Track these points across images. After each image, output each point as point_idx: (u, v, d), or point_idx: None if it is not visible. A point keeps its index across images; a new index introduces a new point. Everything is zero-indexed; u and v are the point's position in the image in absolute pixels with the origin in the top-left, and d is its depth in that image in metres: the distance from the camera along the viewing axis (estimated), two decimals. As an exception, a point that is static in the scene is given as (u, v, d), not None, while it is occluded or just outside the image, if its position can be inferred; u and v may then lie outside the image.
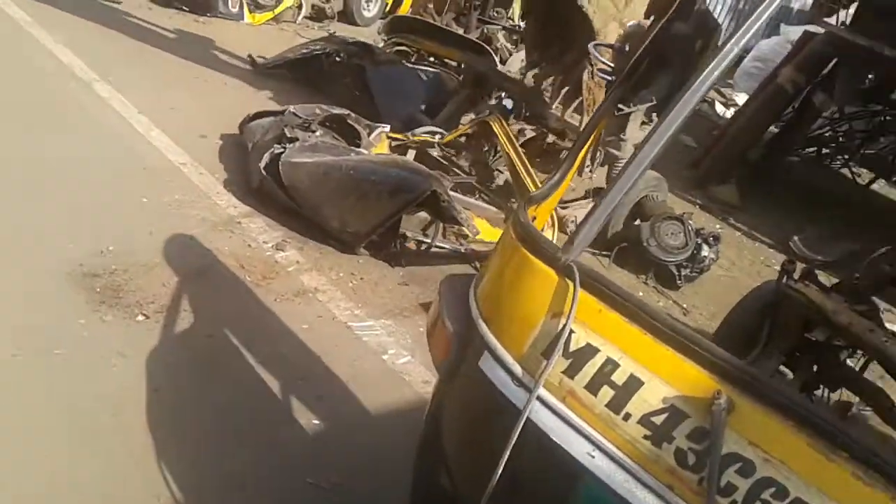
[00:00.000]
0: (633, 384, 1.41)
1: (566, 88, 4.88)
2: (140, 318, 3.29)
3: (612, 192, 1.58)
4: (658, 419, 1.38)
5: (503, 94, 5.87)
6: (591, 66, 4.57)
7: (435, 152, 5.20)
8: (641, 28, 1.86)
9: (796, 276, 3.48)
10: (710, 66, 1.51)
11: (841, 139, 8.58)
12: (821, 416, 1.29)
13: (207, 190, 4.62)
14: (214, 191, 4.64)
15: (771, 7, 1.51)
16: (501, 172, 5.21)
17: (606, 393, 1.44)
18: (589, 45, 3.04)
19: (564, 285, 1.51)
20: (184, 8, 8.15)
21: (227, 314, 3.50)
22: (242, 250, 4.07)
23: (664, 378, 1.38)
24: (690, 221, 5.23)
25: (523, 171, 4.62)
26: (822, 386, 3.45)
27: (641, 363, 1.41)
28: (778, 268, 3.46)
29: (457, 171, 5.04)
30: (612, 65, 1.86)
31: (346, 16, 9.49)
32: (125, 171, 4.54)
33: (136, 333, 3.20)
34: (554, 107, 5.05)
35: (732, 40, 1.50)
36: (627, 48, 1.84)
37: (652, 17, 1.90)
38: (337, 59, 6.60)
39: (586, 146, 1.92)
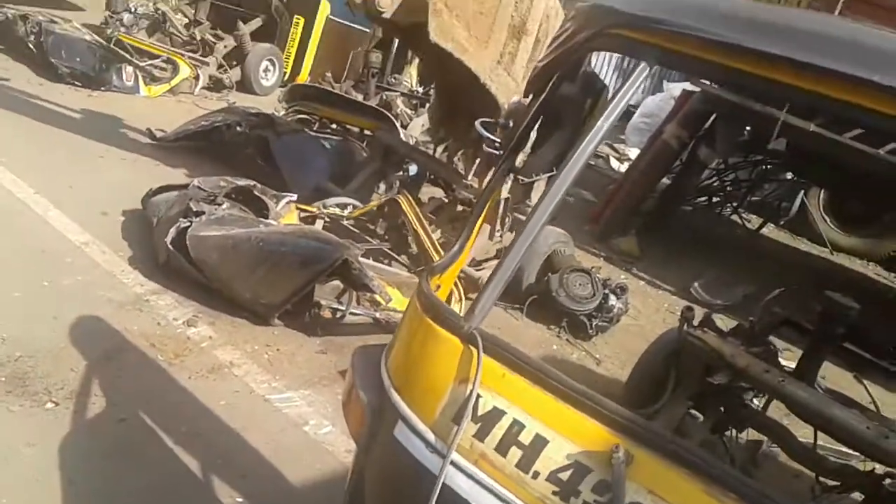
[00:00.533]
0: (539, 443, 1.50)
1: (478, 160, 5.08)
2: (49, 405, 3.19)
3: (507, 260, 1.68)
4: (564, 475, 1.47)
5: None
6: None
7: (345, 220, 5.28)
8: (522, 105, 2.01)
9: (696, 322, 3.68)
10: (583, 145, 1.64)
11: (728, 188, 9.14)
12: (710, 461, 1.40)
13: (112, 269, 4.52)
14: (119, 269, 4.55)
15: (626, 97, 1.66)
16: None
17: (515, 453, 1.52)
18: (476, 123, 3.25)
19: (469, 352, 1.59)
20: (76, 83, 7.99)
21: (140, 396, 3.42)
22: (152, 329, 4.00)
23: (567, 435, 1.48)
24: (598, 274, 5.45)
25: (431, 247, 4.77)
26: (730, 427, 3.62)
27: (545, 422, 1.50)
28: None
29: (367, 238, 5.12)
30: (498, 140, 2.00)
31: (245, 85, 9.52)
32: (23, 254, 4.41)
33: (45, 422, 3.10)
34: (469, 178, 5.22)
35: (601, 118, 1.64)
36: (511, 124, 1.99)
37: (531, 96, 2.05)
38: (238, 129, 6.62)
39: (482, 216, 2.03)
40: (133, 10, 9.49)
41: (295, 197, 5.18)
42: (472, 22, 4.56)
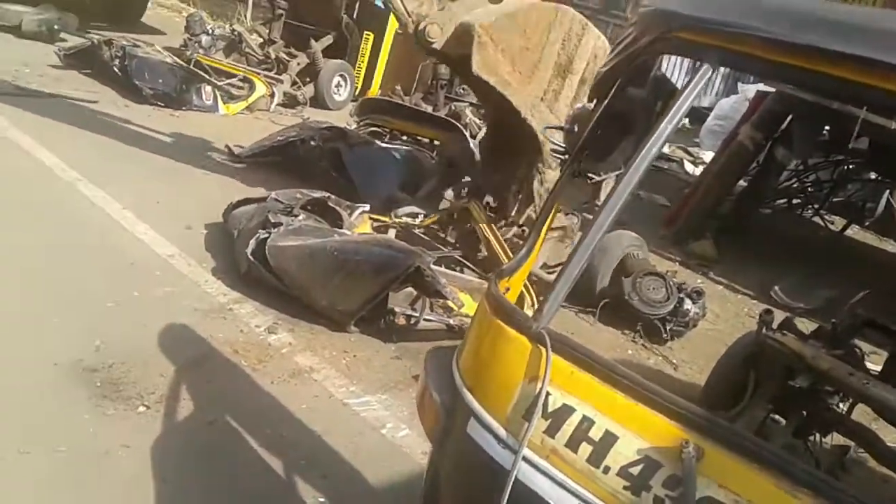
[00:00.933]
0: (609, 439, 1.53)
1: (520, 196, 5.10)
2: (141, 409, 3.37)
3: (574, 261, 1.71)
4: (635, 470, 1.49)
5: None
6: (540, 173, 4.84)
7: (417, 229, 5.37)
8: (587, 110, 2.05)
9: (775, 325, 3.61)
10: (647, 147, 1.66)
11: (809, 189, 8.88)
12: (782, 455, 1.41)
13: (197, 279, 4.73)
14: (203, 280, 4.75)
15: (689, 99, 1.67)
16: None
17: (585, 449, 1.55)
18: (542, 128, 3.29)
19: (538, 351, 1.63)
20: (159, 104, 8.31)
21: (226, 400, 3.58)
22: (236, 336, 4.16)
23: (636, 431, 1.50)
24: (673, 278, 5.39)
25: (502, 253, 4.80)
26: (814, 431, 3.53)
27: (614, 419, 1.53)
28: (761, 318, 3.57)
29: (439, 245, 5.20)
30: (563, 145, 2.04)
31: (318, 101, 9.73)
32: (115, 267, 4.64)
33: (139, 424, 3.27)
34: (513, 214, 5.24)
35: (665, 121, 1.66)
36: (576, 128, 2.02)
37: (595, 101, 2.08)
38: (312, 143, 6.80)
39: (549, 219, 2.07)
40: (210, 31, 9.87)
41: (368, 207, 5.31)
42: (517, 57, 4.58)
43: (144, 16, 12.26)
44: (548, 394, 1.60)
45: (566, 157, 2.10)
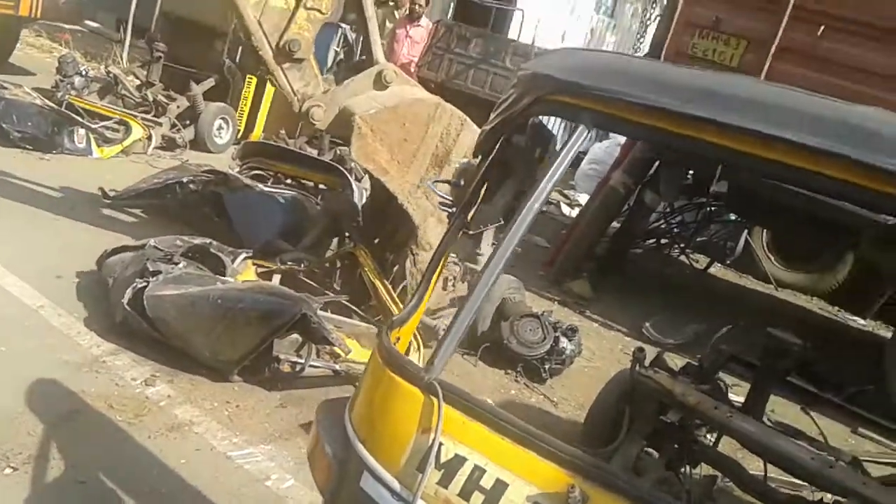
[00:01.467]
0: (500, 487, 1.58)
1: (396, 267, 5.20)
2: (7, 470, 3.17)
3: (464, 312, 1.77)
4: (525, 516, 1.55)
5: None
6: (413, 255, 4.95)
7: (302, 274, 5.32)
8: (471, 165, 2.15)
9: (647, 362, 3.80)
10: (530, 202, 1.76)
11: (676, 230, 9.41)
12: (658, 496, 1.51)
13: (68, 331, 4.50)
14: (76, 331, 4.53)
15: (564, 163, 1.79)
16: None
17: (478, 498, 1.60)
18: (427, 183, 3.40)
19: (430, 402, 1.68)
20: (27, 147, 7.91)
21: (99, 458, 3.41)
22: (110, 389, 3.98)
23: (525, 478, 1.56)
24: (550, 317, 5.57)
25: (388, 298, 4.84)
26: (685, 463, 3.72)
27: (505, 466, 1.59)
28: (635, 354, 3.75)
29: (326, 291, 5.17)
30: (450, 199, 2.12)
31: (199, 143, 9.50)
32: (-22, 321, 4.37)
33: (4, 487, 3.08)
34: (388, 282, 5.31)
35: (546, 178, 1.77)
36: (462, 182, 2.11)
37: (479, 157, 2.18)
38: (192, 187, 6.65)
39: (438, 270, 2.13)
40: (84, 73, 9.49)
41: (251, 252, 5.22)
42: (395, 147, 4.74)
43: (13, 56, 11.66)
44: (440, 444, 1.64)
45: (453, 209, 2.18)
